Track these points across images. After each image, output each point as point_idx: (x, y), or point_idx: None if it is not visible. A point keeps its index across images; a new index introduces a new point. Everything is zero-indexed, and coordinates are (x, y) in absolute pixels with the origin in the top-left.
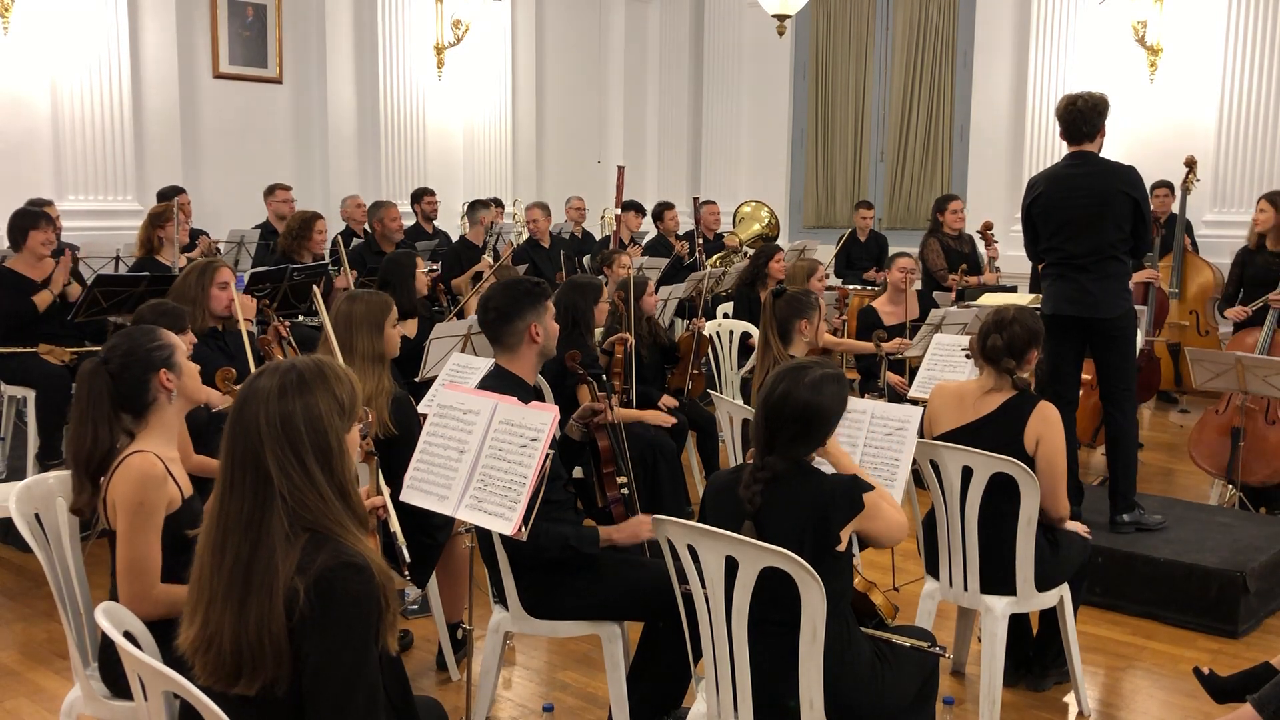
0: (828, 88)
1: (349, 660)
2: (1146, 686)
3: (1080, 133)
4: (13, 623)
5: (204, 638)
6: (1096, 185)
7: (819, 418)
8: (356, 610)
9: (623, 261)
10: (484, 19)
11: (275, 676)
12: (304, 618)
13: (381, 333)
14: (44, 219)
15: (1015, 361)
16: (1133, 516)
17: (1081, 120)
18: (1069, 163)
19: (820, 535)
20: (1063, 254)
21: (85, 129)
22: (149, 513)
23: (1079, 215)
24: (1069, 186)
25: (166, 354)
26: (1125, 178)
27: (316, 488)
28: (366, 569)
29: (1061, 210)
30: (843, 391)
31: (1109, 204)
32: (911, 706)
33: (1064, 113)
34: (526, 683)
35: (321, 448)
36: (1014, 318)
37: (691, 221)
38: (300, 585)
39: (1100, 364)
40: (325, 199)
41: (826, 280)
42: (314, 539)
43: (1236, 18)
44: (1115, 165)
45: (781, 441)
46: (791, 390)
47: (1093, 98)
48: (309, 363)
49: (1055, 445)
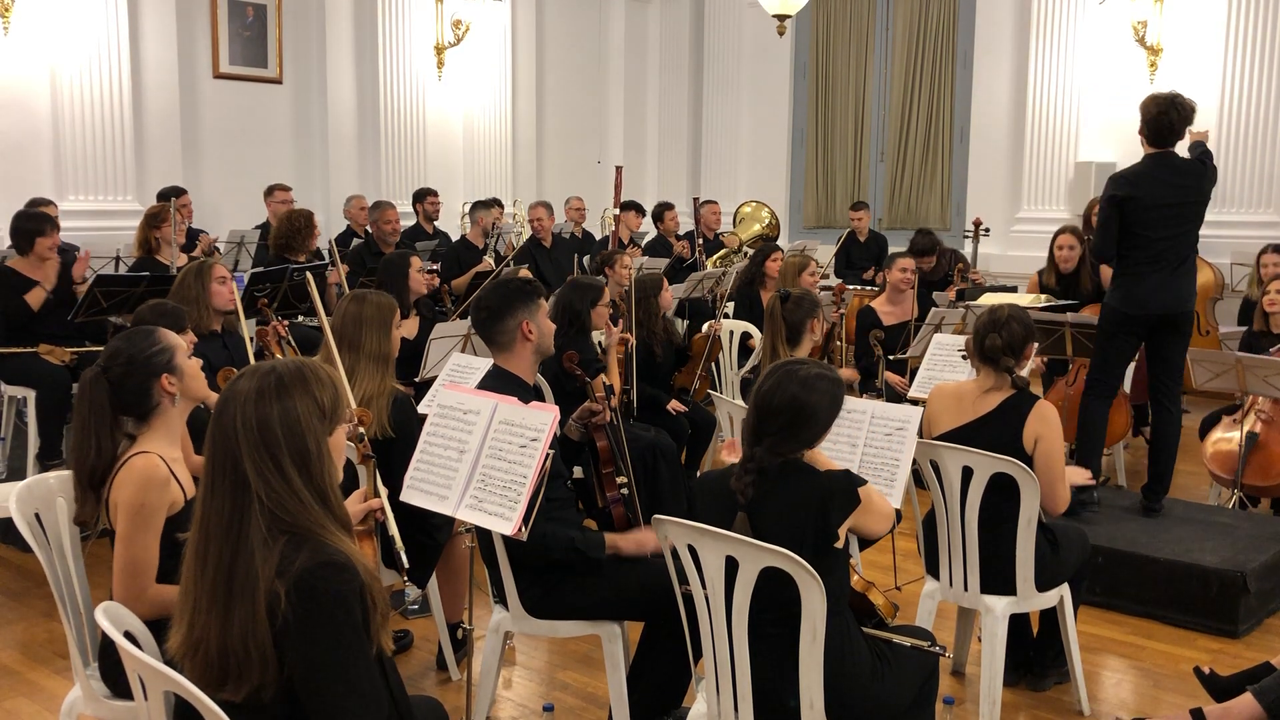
0: (828, 88)
1: (340, 660)
2: (1146, 686)
3: (1169, 140)
4: (13, 623)
5: (190, 642)
6: (1187, 185)
7: (808, 413)
8: (342, 609)
9: (624, 262)
10: (484, 19)
11: (261, 682)
12: (286, 622)
13: (389, 333)
14: (51, 225)
15: (1014, 359)
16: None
17: (1172, 130)
18: (1160, 163)
19: (821, 531)
20: (1154, 252)
21: (85, 129)
22: (150, 514)
23: (1172, 213)
24: (1163, 185)
25: (167, 358)
26: (1205, 176)
27: (294, 491)
28: (349, 567)
29: (1158, 210)
30: (837, 392)
31: (1194, 203)
32: (911, 706)
33: (1157, 118)
34: (526, 683)
35: (299, 451)
36: (1010, 316)
37: (691, 221)
38: (280, 589)
39: (1162, 359)
40: (325, 199)
41: (818, 277)
42: (292, 540)
43: (1236, 18)
44: (1195, 164)
45: (769, 434)
46: (783, 384)
47: (1186, 105)
48: (289, 365)
49: (1054, 444)
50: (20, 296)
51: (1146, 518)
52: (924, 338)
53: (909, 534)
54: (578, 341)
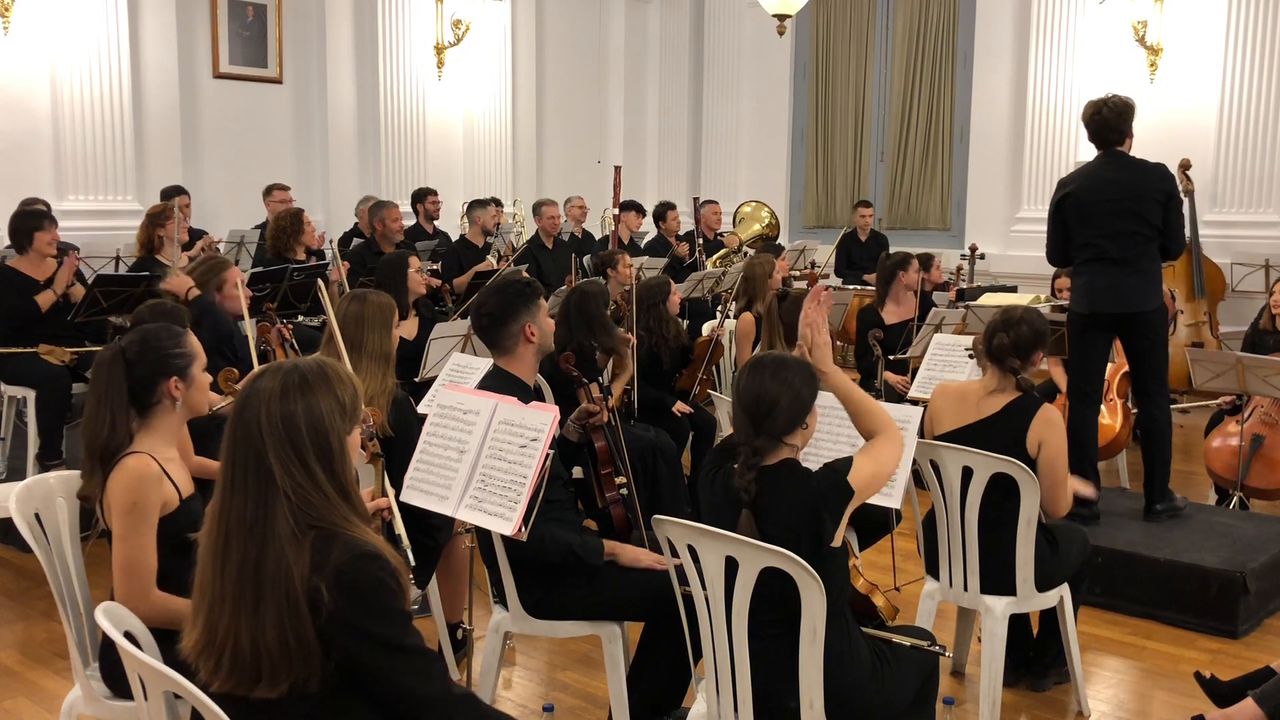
0: (828, 88)
1: (397, 637)
2: (1146, 686)
3: (1109, 139)
4: (13, 623)
5: (209, 641)
6: (1129, 181)
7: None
8: (387, 594)
9: (625, 262)
10: (484, 19)
11: (305, 675)
12: (332, 615)
13: (390, 332)
14: (48, 219)
15: (1020, 361)
16: (1165, 505)
17: (1107, 127)
18: (1101, 161)
19: (815, 535)
20: (1097, 250)
21: (85, 129)
22: (143, 513)
23: (1113, 211)
24: (1102, 182)
25: (184, 363)
26: (1157, 173)
27: (320, 487)
28: (380, 556)
29: (1095, 206)
30: (805, 369)
31: (1142, 199)
32: (911, 706)
33: (1091, 119)
34: (526, 683)
35: (323, 448)
36: (1022, 317)
37: (691, 221)
38: (320, 584)
39: (1134, 358)
40: (325, 199)
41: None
42: (322, 537)
43: (1236, 18)
44: (1146, 163)
45: (759, 424)
46: (756, 375)
47: (1118, 102)
48: (312, 364)
49: (1057, 448)
50: (23, 296)
51: (1147, 521)
52: (924, 338)
53: (909, 534)
54: (597, 342)
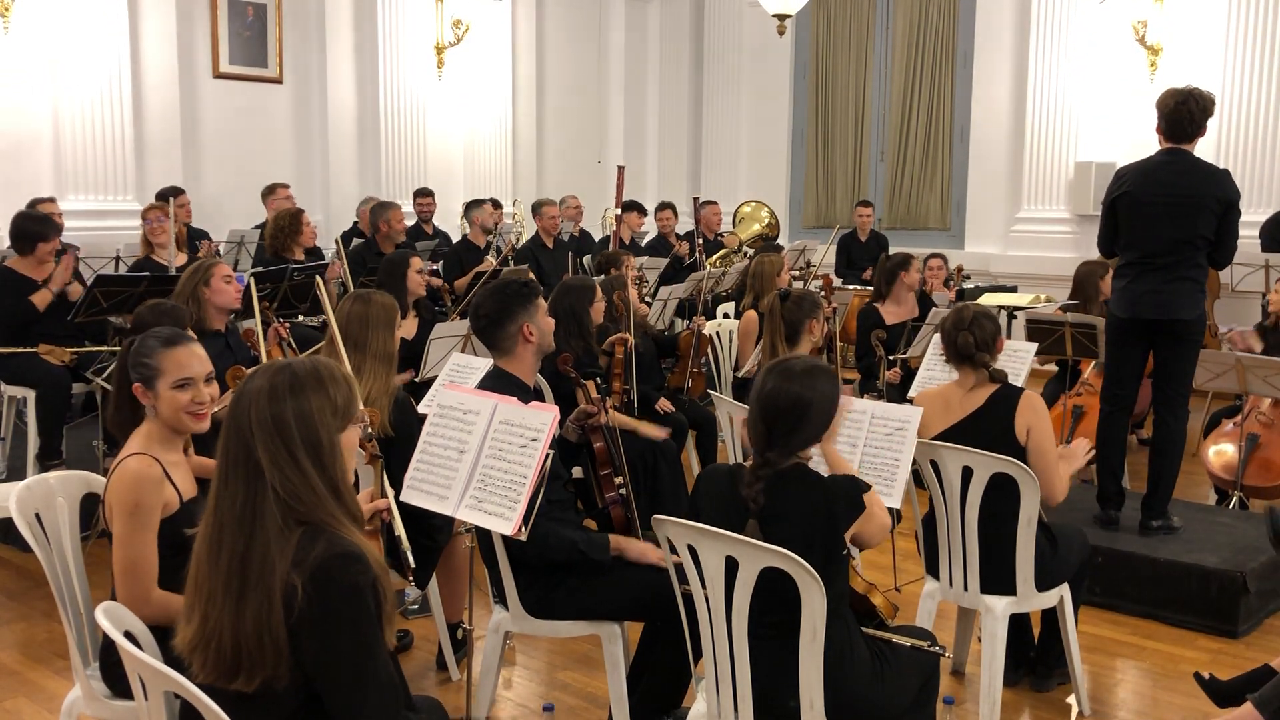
0: (828, 88)
1: (357, 650)
2: (1147, 687)
3: (1185, 133)
4: (13, 623)
5: (202, 635)
6: (1187, 184)
7: (812, 408)
8: (357, 599)
9: (629, 263)
10: (484, 19)
11: (275, 673)
12: (303, 614)
13: (393, 332)
14: (55, 230)
15: (987, 354)
16: (1162, 523)
17: (1190, 121)
18: (1162, 160)
19: (831, 539)
20: (1141, 252)
21: (85, 129)
22: (144, 514)
23: (1164, 213)
24: (1159, 182)
25: (148, 373)
26: (1219, 181)
27: (308, 482)
28: (362, 559)
29: (1149, 208)
30: (833, 382)
31: (1200, 208)
32: (911, 706)
33: (1174, 110)
34: (526, 683)
35: (312, 442)
36: (975, 315)
37: (691, 221)
38: (297, 580)
39: (1162, 366)
40: (325, 199)
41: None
42: (309, 532)
43: (1236, 18)
44: (1210, 167)
45: (778, 435)
46: (782, 384)
47: (1204, 97)
48: (304, 364)
49: (1045, 432)
50: (22, 297)
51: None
52: (924, 338)
53: (909, 534)
54: (579, 342)
